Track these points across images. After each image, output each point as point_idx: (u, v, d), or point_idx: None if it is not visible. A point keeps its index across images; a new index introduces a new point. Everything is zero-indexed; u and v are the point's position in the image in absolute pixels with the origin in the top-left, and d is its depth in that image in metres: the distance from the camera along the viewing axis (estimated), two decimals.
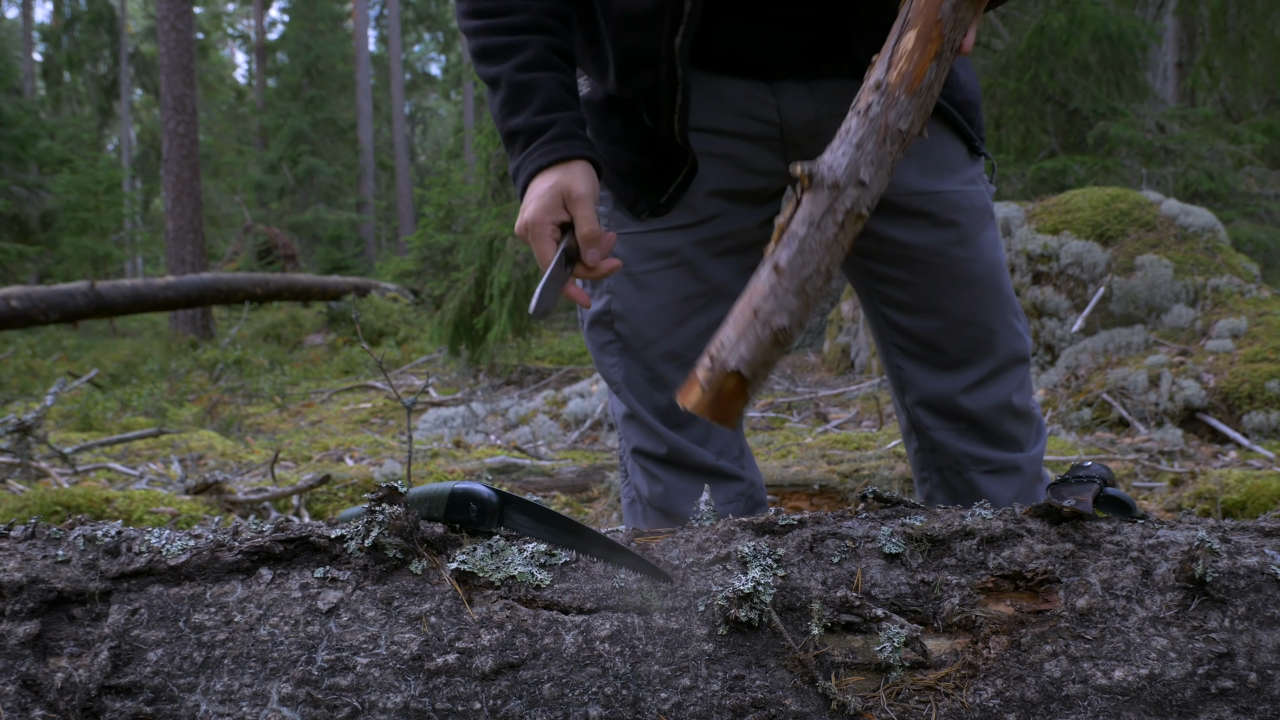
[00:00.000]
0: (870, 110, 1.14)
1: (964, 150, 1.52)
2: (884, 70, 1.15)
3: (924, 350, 1.55)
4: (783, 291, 1.10)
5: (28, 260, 16.25)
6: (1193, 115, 7.86)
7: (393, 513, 1.09)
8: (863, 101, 1.15)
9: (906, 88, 1.14)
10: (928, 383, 1.56)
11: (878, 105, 1.14)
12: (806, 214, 1.11)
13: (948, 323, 1.52)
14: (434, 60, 37.94)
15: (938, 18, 1.15)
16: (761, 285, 1.11)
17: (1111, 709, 1.00)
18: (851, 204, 1.12)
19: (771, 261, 1.11)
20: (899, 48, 1.15)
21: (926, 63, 1.15)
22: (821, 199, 1.11)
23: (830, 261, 1.12)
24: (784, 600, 1.05)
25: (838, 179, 1.11)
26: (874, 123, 1.13)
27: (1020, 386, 1.57)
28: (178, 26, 12.60)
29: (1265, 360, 4.05)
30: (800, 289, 1.10)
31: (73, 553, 1.08)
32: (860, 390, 5.55)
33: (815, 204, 1.11)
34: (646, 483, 1.63)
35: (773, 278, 1.10)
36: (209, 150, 24.58)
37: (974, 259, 1.51)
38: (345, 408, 6.84)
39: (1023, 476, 1.60)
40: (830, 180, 1.11)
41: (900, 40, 1.16)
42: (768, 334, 1.09)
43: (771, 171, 1.54)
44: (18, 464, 3.62)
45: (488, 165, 7.24)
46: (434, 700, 1.00)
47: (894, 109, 1.14)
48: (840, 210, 1.11)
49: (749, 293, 1.12)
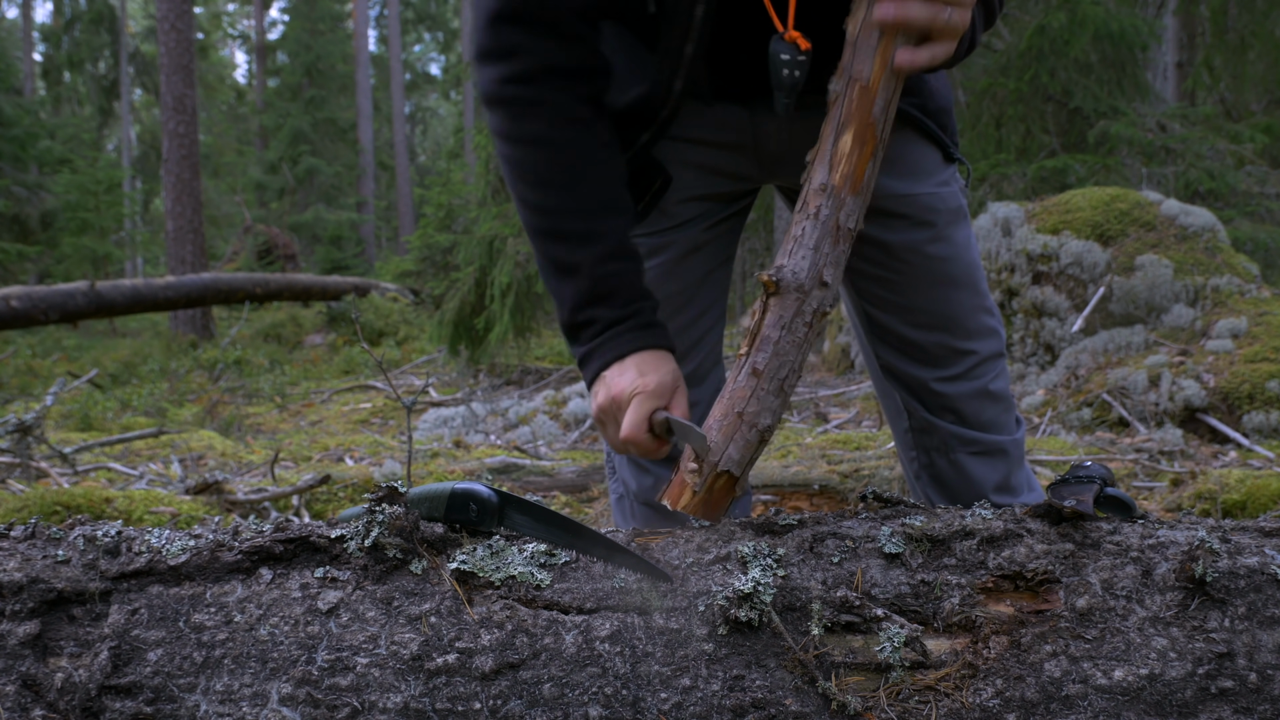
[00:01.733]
0: (821, 213, 1.19)
1: (939, 155, 1.56)
2: (826, 172, 1.20)
3: (904, 345, 1.60)
4: (764, 393, 1.18)
5: (28, 260, 16.25)
6: (1193, 115, 7.86)
7: (393, 513, 1.09)
8: (811, 205, 1.20)
9: (850, 188, 1.20)
10: (910, 371, 1.61)
11: (827, 208, 1.19)
12: (776, 318, 1.19)
13: (926, 319, 1.57)
14: (434, 60, 37.96)
15: (870, 119, 1.19)
16: (742, 389, 1.19)
17: (1111, 709, 1.00)
18: (818, 304, 1.19)
19: (749, 366, 1.18)
20: (838, 149, 1.19)
21: (865, 162, 1.20)
22: (790, 303, 1.19)
23: (802, 358, 1.20)
24: (784, 600, 1.05)
25: (802, 283, 1.18)
26: (825, 225, 1.19)
27: (997, 375, 1.62)
28: (178, 26, 12.61)
29: (1265, 360, 4.05)
30: (779, 388, 1.19)
31: (73, 553, 1.08)
32: (860, 390, 5.55)
33: (784, 308, 1.19)
34: (635, 476, 1.64)
35: (752, 381, 1.18)
36: (209, 150, 24.60)
37: (949, 257, 1.55)
38: (345, 408, 6.84)
39: (1009, 460, 1.64)
40: (795, 285, 1.18)
41: (838, 141, 1.20)
42: (754, 435, 1.19)
43: (744, 175, 1.58)
44: (18, 464, 3.62)
45: (488, 165, 7.23)
46: (434, 700, 1.00)
47: (842, 209, 1.20)
48: (808, 311, 1.19)
49: (729, 396, 1.19)
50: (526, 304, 6.56)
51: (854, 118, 1.19)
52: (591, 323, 1.34)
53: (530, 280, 6.48)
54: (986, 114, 7.61)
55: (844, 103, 1.19)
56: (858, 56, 1.18)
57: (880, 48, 1.17)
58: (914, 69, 1.18)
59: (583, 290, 1.33)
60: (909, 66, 1.17)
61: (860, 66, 1.18)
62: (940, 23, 1.16)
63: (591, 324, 1.34)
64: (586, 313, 1.34)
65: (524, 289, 6.47)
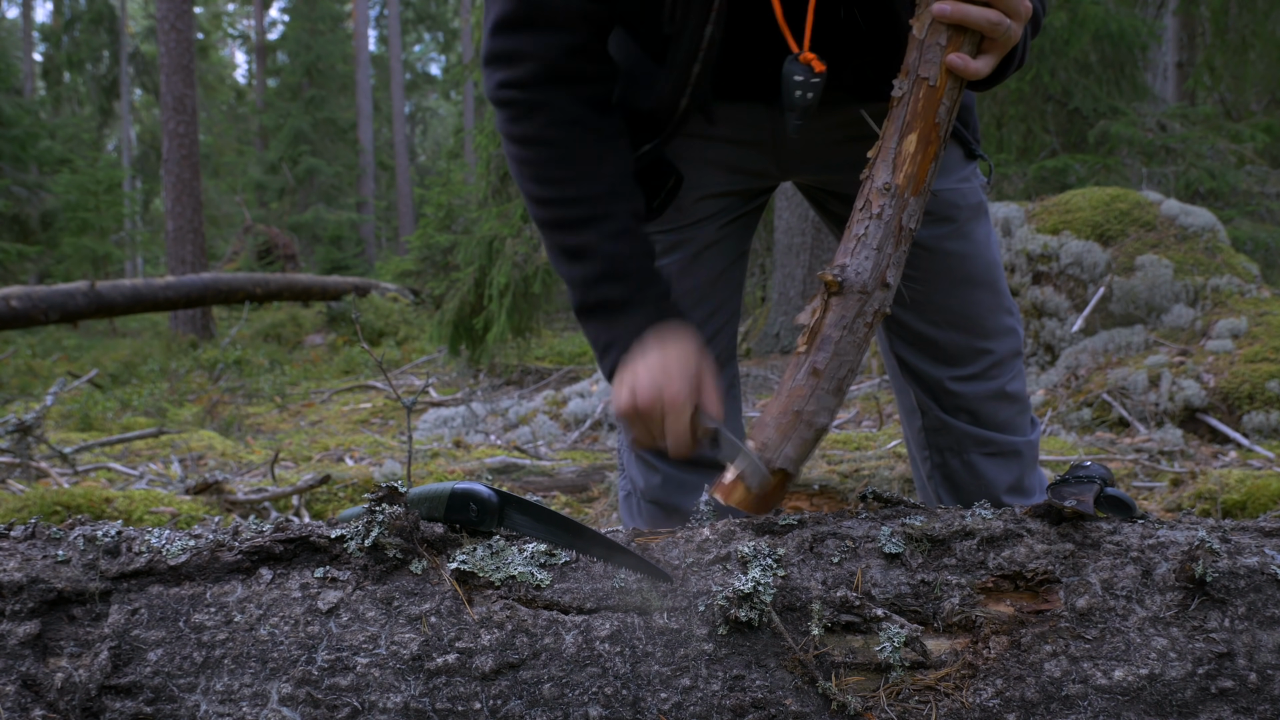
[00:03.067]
0: (885, 214, 1.19)
1: (960, 152, 1.56)
2: (889, 173, 1.19)
3: (922, 343, 1.59)
4: (823, 392, 1.19)
5: (28, 260, 16.25)
6: (1193, 114, 7.86)
7: (393, 513, 1.09)
8: (875, 204, 1.19)
9: (913, 189, 1.20)
10: (927, 369, 1.60)
11: (890, 209, 1.19)
12: (838, 317, 1.19)
13: (944, 317, 1.56)
14: (434, 60, 37.96)
15: (935, 121, 1.20)
16: (801, 387, 1.19)
17: (1111, 709, 1.00)
18: (879, 305, 1.19)
19: (809, 365, 1.18)
20: (901, 150, 1.19)
21: (929, 164, 1.20)
22: (852, 304, 1.18)
23: (860, 358, 1.20)
24: (784, 600, 1.05)
25: (865, 284, 1.18)
26: (889, 226, 1.19)
27: (1014, 377, 1.62)
28: (178, 26, 12.61)
29: (1265, 360, 4.05)
30: (838, 387, 1.19)
31: (73, 553, 1.08)
32: (860, 390, 5.55)
33: (846, 308, 1.19)
34: (643, 474, 1.64)
35: (812, 381, 1.18)
36: (209, 150, 24.59)
37: (969, 254, 1.55)
38: (345, 408, 6.84)
39: (1022, 461, 1.63)
40: (859, 286, 1.18)
41: (902, 143, 1.19)
42: (811, 433, 1.19)
43: (762, 172, 1.56)
44: (18, 464, 3.62)
45: (488, 165, 7.24)
46: (434, 700, 1.00)
47: (905, 210, 1.20)
48: (870, 312, 1.19)
49: (786, 394, 1.19)
50: (524, 304, 6.56)
51: (919, 119, 1.19)
52: (605, 303, 1.33)
53: (528, 281, 6.48)
54: (987, 114, 7.61)
55: (910, 103, 1.19)
56: (925, 58, 1.19)
57: (947, 50, 1.18)
58: (969, 75, 1.18)
59: (592, 270, 1.33)
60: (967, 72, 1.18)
61: (928, 68, 1.18)
62: (997, 31, 1.17)
63: (605, 304, 1.33)
64: (598, 291, 1.33)
65: (521, 289, 6.47)
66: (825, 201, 1.63)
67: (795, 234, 7.26)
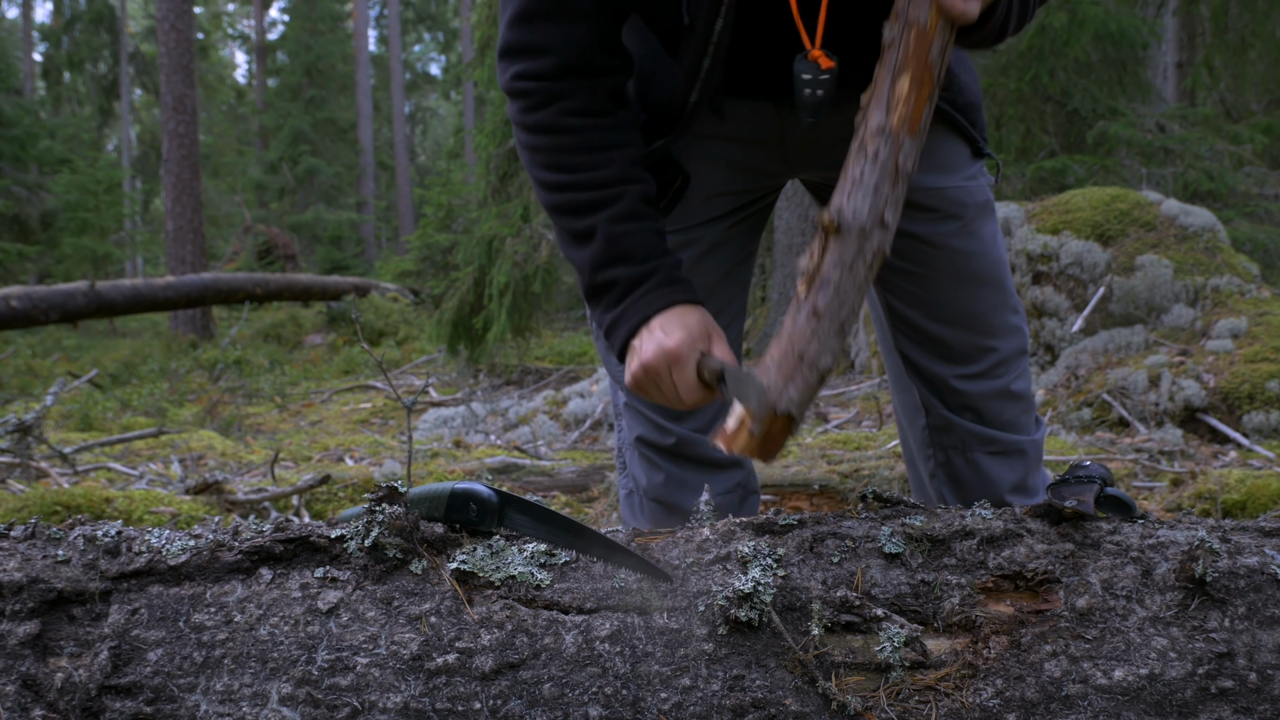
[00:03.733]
0: (880, 155, 1.19)
1: (967, 151, 1.56)
2: (883, 115, 1.19)
3: (928, 341, 1.59)
4: (825, 334, 1.17)
5: (28, 260, 16.25)
6: (1193, 115, 7.86)
7: (393, 513, 1.09)
8: (869, 147, 1.19)
9: (909, 130, 1.19)
10: (932, 367, 1.60)
11: (885, 150, 1.19)
12: (837, 258, 1.18)
13: (951, 315, 1.56)
14: (434, 60, 37.95)
15: (928, 62, 1.19)
16: (802, 330, 1.17)
17: (1111, 709, 1.00)
18: (878, 245, 1.19)
19: (809, 307, 1.17)
20: (895, 91, 1.19)
21: (923, 104, 1.20)
22: (850, 244, 1.18)
23: (860, 299, 1.19)
24: (784, 600, 1.05)
25: (863, 224, 1.17)
26: (885, 166, 1.19)
27: (1019, 375, 1.61)
28: (178, 26, 12.61)
29: (1265, 360, 4.05)
30: (839, 329, 1.18)
31: (73, 553, 1.08)
32: (860, 390, 5.55)
33: (844, 249, 1.18)
34: (646, 472, 1.63)
35: (813, 322, 1.17)
36: (209, 150, 24.58)
37: (976, 251, 1.55)
38: (345, 408, 6.84)
39: (1026, 460, 1.63)
40: (857, 226, 1.17)
41: (895, 84, 1.19)
42: (814, 375, 1.18)
43: (770, 170, 1.56)
44: (18, 464, 3.62)
45: (488, 165, 7.23)
46: (434, 700, 1.00)
47: (901, 151, 1.19)
48: (869, 252, 1.18)
49: (787, 338, 1.18)
50: (524, 304, 6.56)
51: (911, 60, 1.19)
52: (612, 285, 1.32)
53: (527, 280, 6.48)
54: (986, 114, 7.58)
55: (900, 46, 1.19)
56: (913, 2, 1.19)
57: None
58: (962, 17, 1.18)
59: (599, 252, 1.32)
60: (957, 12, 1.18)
61: (916, 11, 1.19)
62: None
63: (612, 286, 1.32)
64: (605, 274, 1.32)
65: (521, 289, 6.47)
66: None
67: (795, 234, 7.27)
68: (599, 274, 1.33)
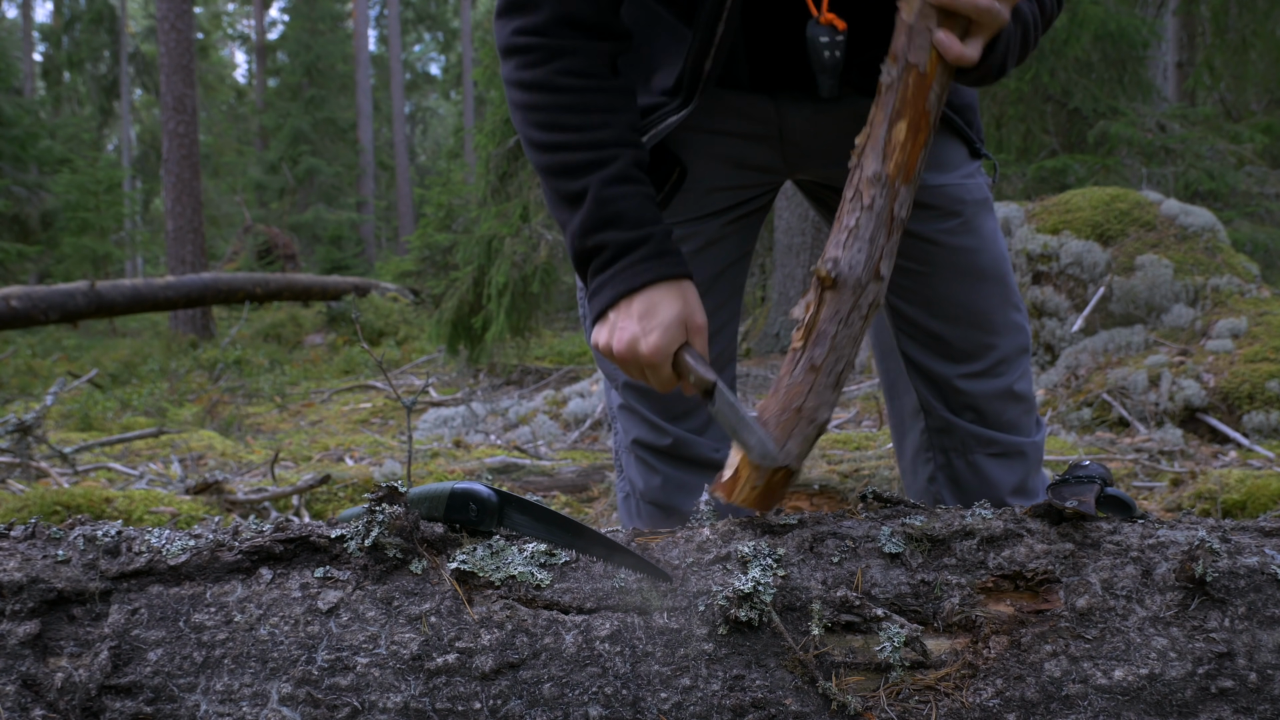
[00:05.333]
0: (875, 204, 1.18)
1: (964, 150, 1.56)
2: (879, 162, 1.18)
3: (930, 339, 1.59)
4: (821, 387, 1.19)
5: (28, 260, 16.25)
6: (1193, 115, 7.86)
7: (393, 513, 1.09)
8: (865, 195, 1.19)
9: (904, 177, 1.19)
10: (934, 367, 1.59)
11: (881, 198, 1.18)
12: (833, 312, 1.18)
13: (953, 312, 1.56)
14: (434, 60, 37.95)
15: (925, 109, 1.18)
16: (800, 384, 1.18)
17: (1111, 709, 1.00)
18: (874, 297, 1.19)
19: (806, 360, 1.18)
20: (891, 138, 1.18)
21: (918, 152, 1.19)
22: (847, 297, 1.18)
23: (856, 351, 1.20)
24: (784, 600, 1.05)
25: (859, 278, 1.18)
26: (880, 216, 1.18)
27: (1022, 375, 1.61)
28: (178, 26, 12.61)
29: (1265, 360, 4.05)
30: (835, 382, 1.19)
31: (73, 553, 1.08)
32: (860, 390, 5.55)
33: (841, 302, 1.18)
34: (643, 475, 1.63)
35: (810, 376, 1.18)
36: (209, 150, 24.59)
37: (976, 248, 1.54)
38: (345, 408, 6.84)
39: (1027, 462, 1.62)
40: (853, 280, 1.18)
41: (892, 130, 1.18)
42: (813, 429, 1.19)
43: (769, 167, 1.56)
44: (18, 464, 3.62)
45: (488, 165, 7.24)
46: (434, 700, 1.00)
47: (896, 200, 1.19)
48: (864, 305, 1.19)
49: (784, 392, 1.19)
50: (523, 303, 6.56)
51: (909, 105, 1.17)
52: (601, 249, 1.30)
53: (526, 280, 6.48)
54: (986, 114, 7.60)
55: (899, 89, 1.17)
56: (914, 43, 1.17)
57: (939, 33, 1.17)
58: (959, 60, 1.17)
59: (589, 215, 1.30)
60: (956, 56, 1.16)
61: (917, 54, 1.17)
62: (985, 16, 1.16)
63: (601, 250, 1.30)
64: (595, 238, 1.30)
65: (520, 289, 6.47)
66: (829, 198, 1.63)
67: (795, 234, 7.27)
68: (589, 238, 1.30)
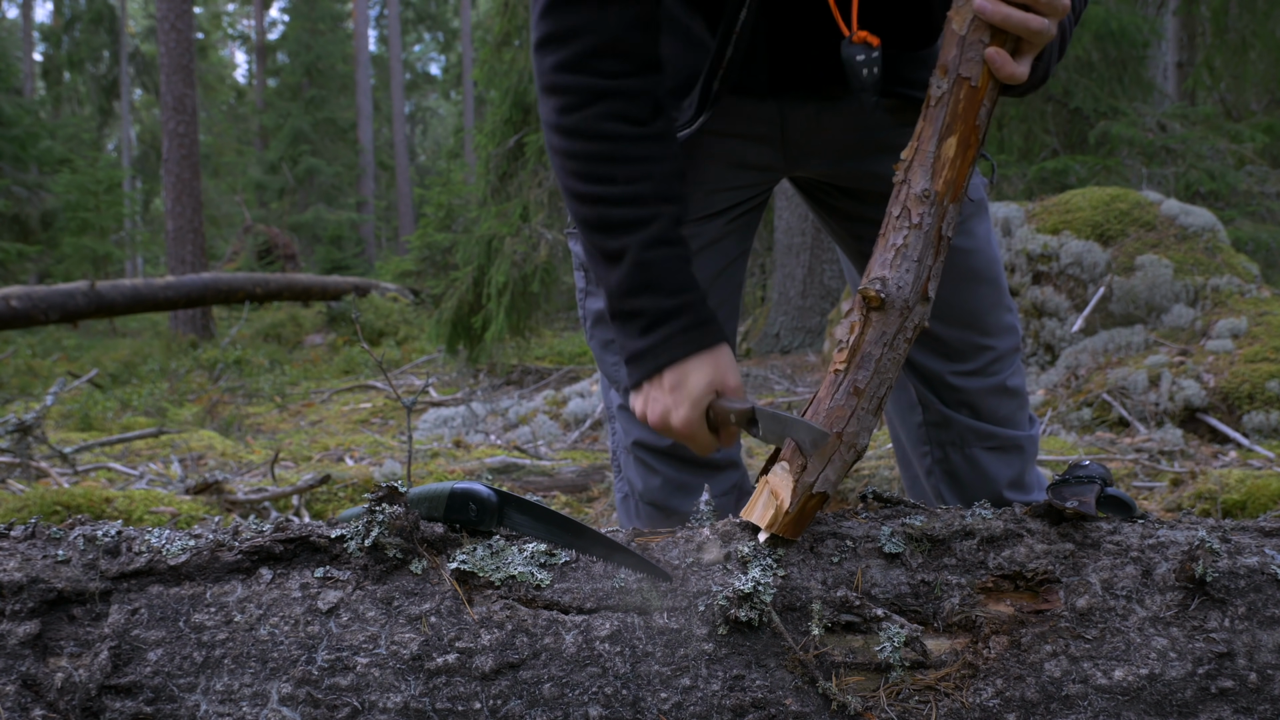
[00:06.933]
0: (924, 223, 1.14)
1: None
2: (928, 179, 1.14)
3: (925, 338, 1.60)
4: (863, 412, 1.14)
5: (28, 260, 16.25)
6: (1193, 115, 7.86)
7: (393, 513, 1.09)
8: (914, 213, 1.14)
9: (952, 195, 1.14)
10: (929, 364, 1.61)
11: (930, 217, 1.14)
12: (879, 334, 1.14)
13: (949, 312, 1.56)
14: (434, 60, 37.96)
15: (976, 124, 1.14)
16: (841, 408, 1.13)
17: (1111, 709, 1.00)
18: (919, 319, 1.15)
19: (849, 383, 1.14)
20: (941, 154, 1.14)
21: (967, 168, 1.15)
22: (894, 319, 1.14)
23: (897, 374, 1.15)
24: (784, 600, 1.05)
25: (907, 299, 1.14)
26: (928, 235, 1.14)
27: (1014, 372, 1.63)
28: (178, 26, 12.61)
29: (1265, 360, 4.05)
30: (878, 407, 1.15)
31: (73, 553, 1.08)
32: None
33: (888, 324, 1.14)
34: (642, 476, 1.63)
35: (853, 400, 1.13)
36: (209, 150, 24.59)
37: (971, 249, 1.55)
38: (345, 408, 6.84)
39: (1023, 456, 1.64)
40: (901, 302, 1.13)
41: (941, 146, 1.14)
42: (852, 455, 1.14)
43: (769, 166, 1.57)
44: (18, 464, 3.62)
45: (488, 165, 7.24)
46: (434, 700, 1.00)
47: (944, 219, 1.14)
48: (910, 328, 1.14)
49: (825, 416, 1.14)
50: (522, 303, 6.56)
51: (960, 120, 1.14)
52: (640, 314, 1.30)
53: (526, 280, 6.48)
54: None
55: (950, 103, 1.14)
56: (965, 56, 1.13)
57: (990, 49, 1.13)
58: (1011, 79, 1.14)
59: (627, 277, 1.29)
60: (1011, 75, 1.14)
61: (969, 67, 1.13)
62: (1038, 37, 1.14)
63: (640, 315, 1.30)
64: (632, 302, 1.30)
65: (520, 288, 6.47)
66: (828, 196, 1.63)
67: (795, 234, 7.26)
68: (626, 301, 1.31)
